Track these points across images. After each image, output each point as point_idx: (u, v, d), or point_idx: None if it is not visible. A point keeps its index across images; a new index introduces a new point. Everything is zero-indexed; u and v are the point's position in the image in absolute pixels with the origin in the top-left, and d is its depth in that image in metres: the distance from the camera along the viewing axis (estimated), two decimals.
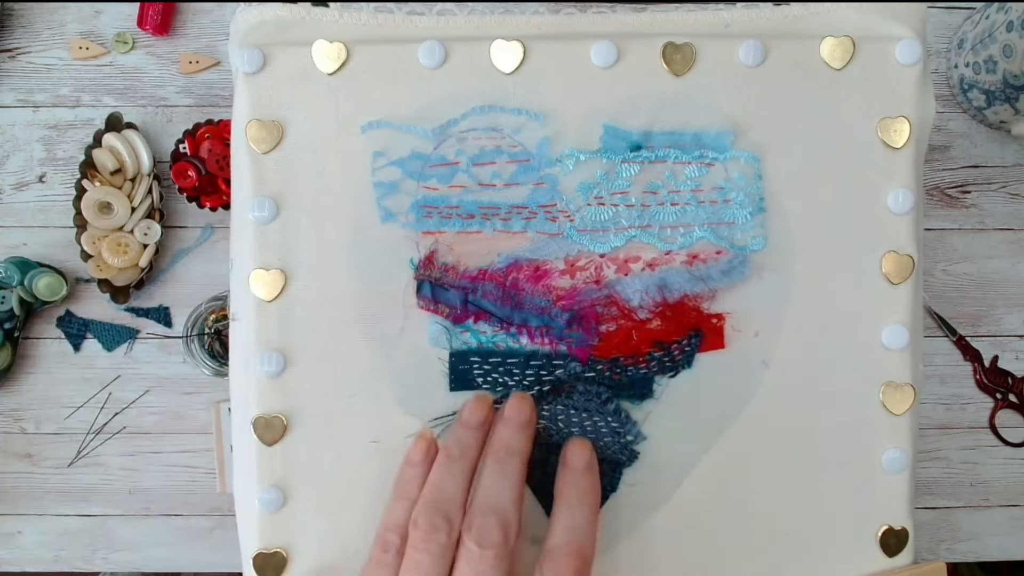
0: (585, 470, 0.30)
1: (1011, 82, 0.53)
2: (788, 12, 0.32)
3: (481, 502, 0.29)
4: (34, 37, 0.59)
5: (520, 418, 0.30)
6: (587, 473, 0.30)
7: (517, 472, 0.29)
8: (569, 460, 0.30)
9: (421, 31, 0.32)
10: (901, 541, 0.33)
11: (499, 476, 0.29)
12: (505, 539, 0.28)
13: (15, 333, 0.57)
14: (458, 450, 0.30)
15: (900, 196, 0.32)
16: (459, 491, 0.29)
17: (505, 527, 0.28)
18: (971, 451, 0.61)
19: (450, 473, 0.29)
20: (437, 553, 0.28)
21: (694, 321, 0.32)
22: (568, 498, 0.29)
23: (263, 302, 0.31)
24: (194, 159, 0.56)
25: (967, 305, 0.61)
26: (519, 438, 0.30)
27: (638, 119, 0.31)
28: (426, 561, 0.28)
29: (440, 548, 0.28)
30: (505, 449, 0.30)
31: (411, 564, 0.28)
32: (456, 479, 0.29)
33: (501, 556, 0.28)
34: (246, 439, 0.32)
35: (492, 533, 0.28)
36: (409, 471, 0.30)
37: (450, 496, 0.29)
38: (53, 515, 0.59)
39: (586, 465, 0.30)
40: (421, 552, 0.28)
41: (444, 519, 0.28)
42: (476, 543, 0.27)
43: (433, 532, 0.28)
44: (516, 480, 0.29)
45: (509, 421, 0.30)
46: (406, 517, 0.29)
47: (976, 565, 0.83)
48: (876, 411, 0.33)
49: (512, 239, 0.32)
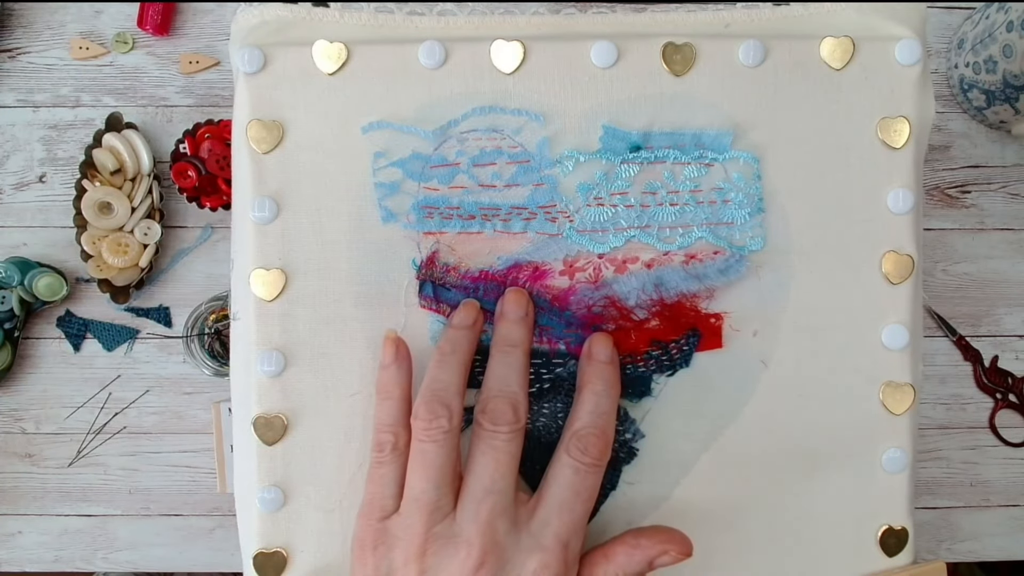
0: (609, 363, 0.31)
1: (1011, 82, 0.53)
2: (788, 12, 0.32)
3: (491, 387, 0.30)
4: (34, 37, 0.59)
5: (517, 312, 0.31)
6: (611, 365, 0.31)
7: (520, 362, 0.30)
8: (595, 352, 0.31)
9: (421, 31, 0.32)
10: (901, 541, 0.33)
11: (506, 364, 0.30)
12: (516, 417, 0.29)
13: (15, 333, 0.57)
14: (450, 347, 0.30)
15: (900, 196, 0.32)
16: (455, 381, 0.30)
17: (515, 406, 0.29)
18: (971, 451, 0.61)
19: (444, 366, 0.30)
20: (442, 440, 0.29)
21: (692, 321, 0.32)
22: (595, 385, 0.30)
23: (263, 302, 0.31)
24: (194, 159, 0.56)
25: (967, 305, 0.61)
26: (519, 329, 0.31)
27: (638, 119, 0.31)
28: (431, 449, 0.29)
29: (444, 435, 0.29)
30: (507, 342, 0.31)
31: (417, 454, 0.29)
32: (451, 371, 0.30)
33: (514, 432, 0.29)
34: (246, 439, 0.32)
35: (505, 412, 0.29)
36: (384, 374, 0.30)
37: (447, 386, 0.29)
38: (53, 515, 0.59)
39: (610, 357, 0.31)
40: (425, 442, 0.29)
41: (444, 406, 0.29)
42: (491, 422, 0.29)
43: (435, 419, 0.29)
44: (520, 368, 0.30)
45: (507, 316, 0.31)
46: (394, 415, 0.30)
47: (976, 565, 0.83)
48: (876, 411, 0.33)
49: (512, 240, 0.32)
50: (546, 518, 0.29)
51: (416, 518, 0.28)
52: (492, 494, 0.28)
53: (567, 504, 0.29)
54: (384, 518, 0.29)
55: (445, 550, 0.28)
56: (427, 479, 0.29)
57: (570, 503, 0.29)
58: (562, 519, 0.29)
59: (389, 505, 0.29)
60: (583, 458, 0.29)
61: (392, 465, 0.30)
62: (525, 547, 0.28)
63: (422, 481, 0.29)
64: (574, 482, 0.29)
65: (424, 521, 0.28)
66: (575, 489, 0.29)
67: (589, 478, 0.29)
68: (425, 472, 0.29)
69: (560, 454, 0.30)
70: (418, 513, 0.29)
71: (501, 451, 0.29)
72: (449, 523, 0.29)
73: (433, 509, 0.28)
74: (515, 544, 0.28)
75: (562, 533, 0.28)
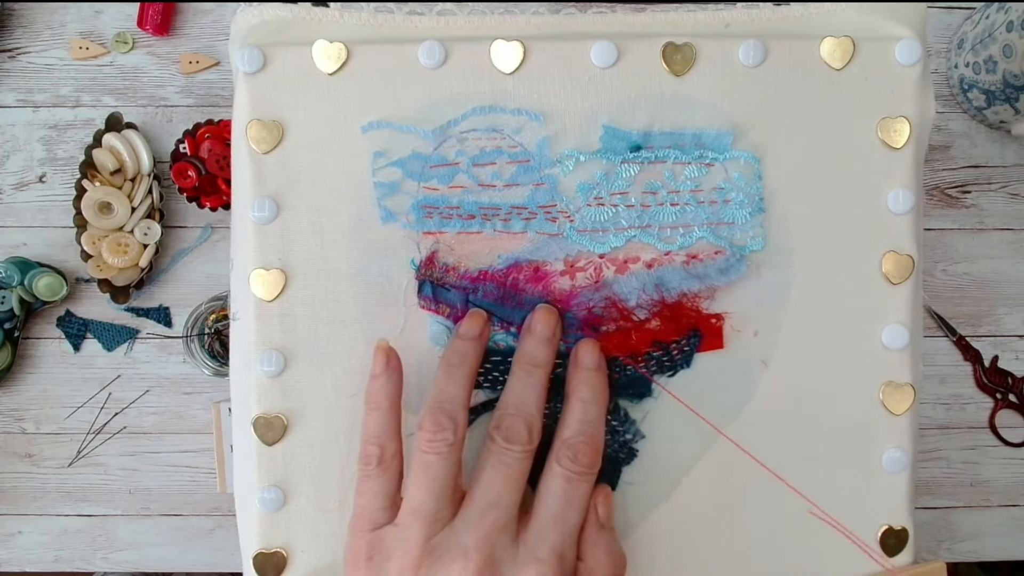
0: (596, 369, 0.31)
1: (1011, 82, 0.53)
2: (788, 12, 0.32)
3: (509, 404, 0.30)
4: (34, 37, 0.59)
5: (546, 332, 0.31)
6: (598, 372, 0.31)
7: (541, 382, 0.30)
8: (581, 359, 0.31)
9: (421, 31, 0.32)
10: (901, 541, 0.33)
11: (526, 385, 0.30)
12: (530, 438, 0.29)
13: (15, 333, 0.57)
14: (457, 359, 0.30)
15: (900, 196, 0.32)
16: (461, 394, 0.29)
17: (530, 428, 0.29)
18: (971, 451, 0.61)
19: (451, 378, 0.30)
20: (445, 452, 0.28)
21: (693, 321, 0.32)
22: (582, 394, 0.30)
23: (263, 302, 0.31)
24: (194, 159, 0.56)
25: (967, 305, 0.61)
26: (544, 350, 0.31)
27: (638, 119, 0.31)
28: (435, 462, 0.28)
29: (448, 447, 0.28)
30: (530, 360, 0.30)
31: (420, 465, 0.29)
32: (457, 383, 0.30)
33: (526, 453, 0.29)
34: (246, 439, 0.32)
35: (520, 432, 0.29)
36: (373, 384, 0.30)
37: (452, 398, 0.29)
38: (53, 515, 0.59)
39: (597, 364, 0.31)
40: (429, 454, 0.29)
41: (449, 419, 0.29)
42: (504, 439, 0.29)
43: (439, 431, 0.28)
44: (540, 389, 0.30)
45: (535, 334, 0.31)
46: (381, 427, 0.30)
47: (976, 565, 0.83)
48: (876, 411, 0.33)
49: (512, 239, 0.32)
50: (541, 531, 0.29)
51: (414, 529, 0.28)
52: (496, 508, 0.28)
53: (561, 515, 0.29)
54: (376, 529, 0.29)
55: (442, 561, 0.28)
56: (428, 491, 0.28)
57: (564, 513, 0.29)
58: (557, 530, 0.29)
59: (379, 517, 0.29)
60: (573, 467, 0.29)
61: (379, 479, 0.29)
62: (522, 561, 0.28)
63: (422, 492, 0.28)
64: (567, 491, 0.29)
65: (423, 532, 0.28)
66: (568, 499, 0.29)
67: (581, 486, 0.29)
68: (427, 484, 0.28)
69: (551, 464, 0.30)
70: (416, 524, 0.28)
71: (512, 467, 0.29)
72: (447, 533, 0.28)
73: (432, 521, 0.28)
74: (512, 559, 0.28)
75: (558, 545, 0.28)
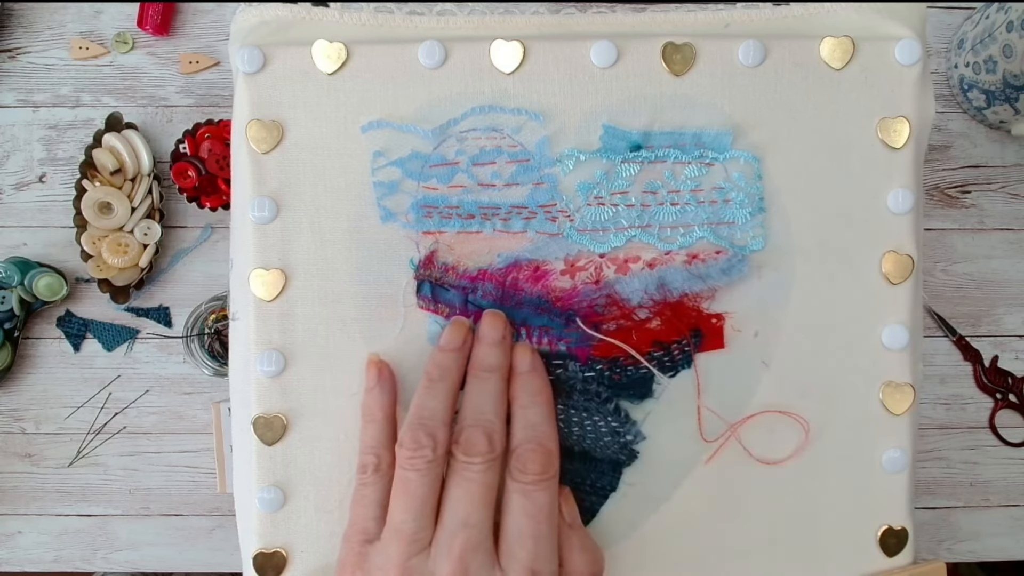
0: (530, 371, 0.31)
1: (1011, 82, 0.53)
2: (788, 12, 0.32)
3: (466, 416, 0.29)
4: (34, 37, 0.59)
5: (494, 335, 0.31)
6: (533, 374, 0.31)
7: (497, 387, 0.30)
8: (516, 364, 0.31)
9: (421, 31, 0.32)
10: (901, 541, 0.33)
11: (480, 392, 0.30)
12: (491, 447, 0.29)
13: (15, 333, 0.57)
14: (438, 372, 0.30)
15: (900, 196, 0.32)
16: (442, 409, 0.29)
17: (490, 436, 0.29)
18: (971, 451, 0.61)
19: (432, 393, 0.30)
20: (425, 469, 0.28)
21: (694, 321, 0.32)
22: (521, 400, 0.30)
23: (263, 302, 0.31)
24: (194, 159, 0.56)
25: (967, 305, 0.61)
26: (495, 353, 0.30)
27: (638, 119, 0.31)
28: (414, 478, 0.28)
29: (427, 465, 0.28)
30: (483, 367, 0.30)
31: (400, 483, 0.29)
32: (438, 398, 0.30)
33: (488, 462, 0.29)
34: (246, 439, 0.32)
35: (478, 442, 0.29)
36: (368, 396, 0.31)
37: (433, 414, 0.29)
38: (53, 515, 0.59)
39: (531, 365, 0.31)
40: (409, 470, 0.28)
41: (428, 436, 0.29)
42: (464, 452, 0.29)
43: (419, 449, 0.28)
44: (496, 394, 0.30)
45: (484, 339, 0.31)
46: (377, 438, 0.30)
47: (976, 565, 0.83)
48: (876, 411, 0.33)
49: (512, 239, 0.32)
50: (510, 551, 0.28)
51: (394, 548, 0.28)
52: (466, 528, 0.28)
53: (525, 530, 0.28)
54: (366, 542, 0.29)
55: None
56: (407, 509, 0.28)
57: (529, 528, 0.28)
58: (525, 547, 0.28)
59: (371, 528, 0.29)
60: (525, 477, 0.29)
61: (375, 487, 0.29)
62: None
63: (402, 511, 0.28)
64: (525, 506, 0.28)
65: (402, 552, 0.28)
66: (527, 512, 0.28)
67: (540, 495, 0.29)
68: (406, 501, 0.28)
69: (506, 480, 0.29)
70: (396, 544, 0.28)
71: (475, 483, 0.28)
72: (424, 557, 0.28)
73: (411, 540, 0.28)
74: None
75: (527, 561, 0.28)
